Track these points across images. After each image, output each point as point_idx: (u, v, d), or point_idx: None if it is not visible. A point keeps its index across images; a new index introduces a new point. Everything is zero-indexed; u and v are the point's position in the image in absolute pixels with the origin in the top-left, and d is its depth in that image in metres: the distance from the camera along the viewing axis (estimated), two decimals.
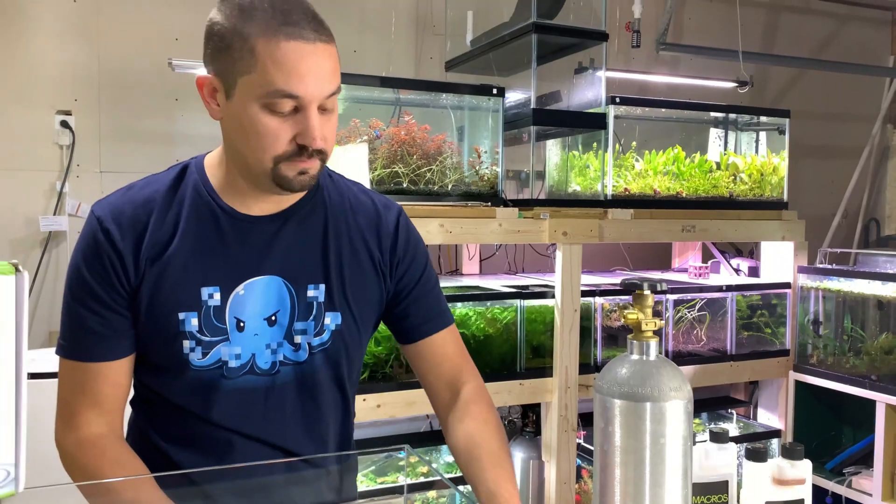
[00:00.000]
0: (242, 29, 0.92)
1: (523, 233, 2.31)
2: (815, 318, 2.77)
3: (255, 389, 1.03)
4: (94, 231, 1.00)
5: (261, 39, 0.91)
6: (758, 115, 2.96)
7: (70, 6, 2.67)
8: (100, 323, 1.00)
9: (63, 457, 1.01)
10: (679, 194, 2.65)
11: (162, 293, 1.00)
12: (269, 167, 0.96)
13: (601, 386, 0.95)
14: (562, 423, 2.37)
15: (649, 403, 0.90)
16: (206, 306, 1.01)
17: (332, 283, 1.07)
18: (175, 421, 1.05)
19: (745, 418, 2.94)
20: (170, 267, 1.00)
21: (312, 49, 0.93)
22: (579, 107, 2.64)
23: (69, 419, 1.00)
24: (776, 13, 3.92)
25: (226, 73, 0.95)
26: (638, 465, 0.90)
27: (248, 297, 1.02)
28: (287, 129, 0.94)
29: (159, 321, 1.00)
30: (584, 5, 2.62)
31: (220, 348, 1.01)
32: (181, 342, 1.00)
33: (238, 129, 0.96)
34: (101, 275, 0.99)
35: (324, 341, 1.06)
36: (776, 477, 1.04)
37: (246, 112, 0.94)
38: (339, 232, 1.09)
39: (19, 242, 2.64)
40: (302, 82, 0.92)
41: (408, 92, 2.35)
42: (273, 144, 0.94)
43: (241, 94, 0.94)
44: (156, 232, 1.00)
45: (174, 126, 2.80)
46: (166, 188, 1.04)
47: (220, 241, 1.02)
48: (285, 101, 0.92)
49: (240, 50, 0.92)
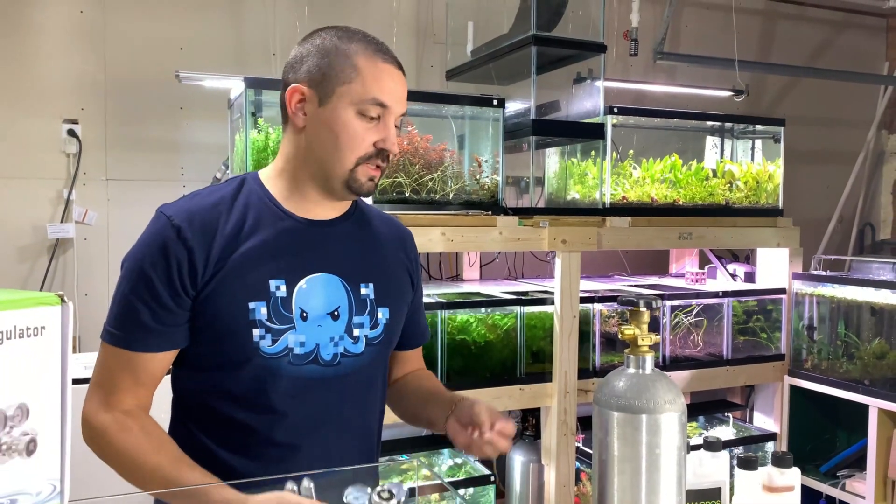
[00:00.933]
0: (346, 48, 1.12)
1: (523, 241, 2.36)
2: (809, 323, 2.82)
3: (318, 379, 1.12)
4: (164, 228, 1.09)
5: (362, 57, 1.12)
6: (753, 124, 3.01)
7: (77, 17, 2.71)
8: (152, 317, 1.07)
9: (92, 429, 1.06)
10: (676, 202, 2.70)
11: (233, 286, 1.09)
12: (349, 168, 1.11)
13: (600, 398, 0.99)
14: (561, 427, 2.41)
15: (645, 415, 0.94)
16: (273, 297, 1.10)
17: (379, 282, 1.20)
18: (228, 417, 1.11)
19: (741, 422, 2.98)
20: (239, 263, 1.09)
21: (399, 75, 1.15)
22: (578, 116, 2.69)
23: (105, 398, 1.06)
24: (772, 21, 3.97)
25: (323, 84, 1.11)
26: (634, 473, 0.95)
27: (311, 290, 1.13)
28: (371, 134, 1.12)
29: (231, 313, 1.08)
30: (582, 16, 2.66)
31: (288, 335, 1.10)
32: (251, 331, 1.08)
33: (328, 132, 1.12)
34: (165, 271, 1.07)
35: (378, 334, 1.19)
36: (766, 484, 1.08)
37: (339, 116, 1.11)
38: (380, 240, 1.25)
39: (27, 249, 2.68)
40: (391, 96, 1.13)
41: (410, 102, 2.39)
42: (360, 145, 1.11)
43: (338, 100, 1.11)
44: (226, 232, 1.10)
45: (179, 134, 2.85)
46: (230, 195, 1.15)
47: (283, 242, 1.13)
48: (376, 108, 1.11)
49: (342, 64, 1.11)
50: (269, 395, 1.10)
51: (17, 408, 0.59)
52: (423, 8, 3.18)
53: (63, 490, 0.61)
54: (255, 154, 2.11)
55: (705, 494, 1.13)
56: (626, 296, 1.01)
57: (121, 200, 2.77)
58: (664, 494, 0.95)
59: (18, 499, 0.59)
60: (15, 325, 0.59)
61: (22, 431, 0.60)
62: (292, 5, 2.95)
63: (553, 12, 2.58)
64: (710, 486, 1.14)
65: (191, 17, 2.84)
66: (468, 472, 2.45)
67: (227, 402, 1.11)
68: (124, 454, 1.03)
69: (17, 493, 0.59)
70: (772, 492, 1.07)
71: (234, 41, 2.91)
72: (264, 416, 1.10)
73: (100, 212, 2.75)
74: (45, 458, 0.60)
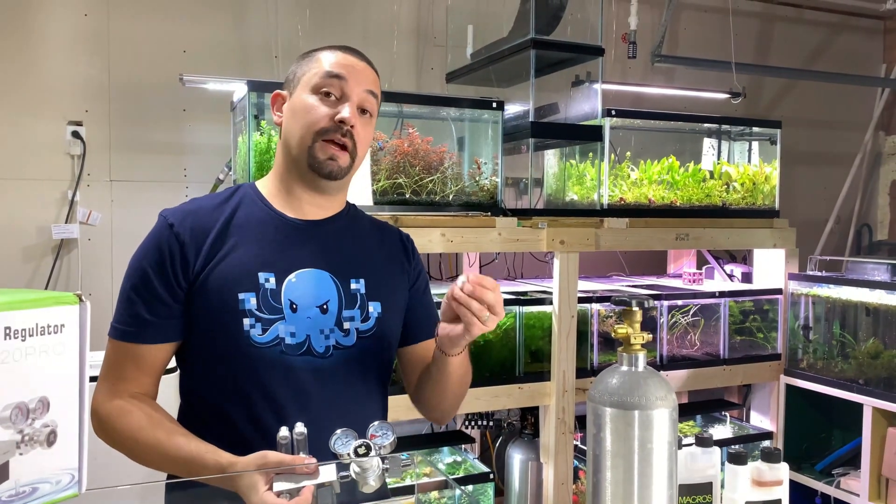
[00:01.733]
0: (317, 53, 1.23)
1: (522, 241, 2.39)
2: (805, 323, 2.85)
3: (312, 370, 1.16)
4: (160, 227, 1.17)
5: (325, 52, 1.22)
6: (750, 126, 3.04)
7: (81, 20, 2.74)
8: (148, 310, 1.13)
9: (100, 419, 1.13)
10: (673, 203, 2.73)
11: (223, 278, 1.14)
12: (309, 144, 1.17)
13: (593, 395, 1.02)
14: (559, 425, 2.44)
15: (637, 411, 0.97)
16: (263, 288, 1.15)
17: (370, 278, 1.23)
18: (227, 410, 1.15)
19: (738, 421, 3.02)
20: (230, 257, 1.15)
21: (358, 61, 1.22)
22: (576, 118, 2.72)
23: (110, 389, 1.14)
24: (769, 23, 4.00)
25: (294, 81, 1.22)
26: (627, 468, 0.98)
27: (300, 284, 1.17)
28: (328, 109, 1.17)
29: (222, 302, 1.13)
30: (580, 20, 2.69)
31: (278, 325, 1.14)
32: (241, 320, 1.12)
33: (291, 116, 1.20)
34: (159, 264, 1.14)
35: (370, 327, 1.22)
36: (755, 479, 1.11)
37: (301, 99, 1.19)
38: (372, 239, 1.30)
39: (32, 250, 2.71)
40: (345, 69, 1.19)
41: (411, 105, 2.43)
42: (315, 118, 1.17)
43: (300, 87, 1.20)
44: (217, 228, 1.17)
45: (182, 136, 2.88)
46: (225, 198, 1.23)
47: (273, 239, 1.19)
48: (331, 82, 1.17)
49: (307, 63, 1.21)
50: (266, 385, 1.13)
51: (39, 401, 0.63)
52: (424, 11, 3.21)
53: (81, 479, 0.64)
54: (257, 156, 2.14)
55: (697, 489, 1.16)
56: (619, 296, 1.04)
57: (124, 202, 2.80)
58: (656, 488, 0.98)
59: (39, 487, 0.63)
60: (36, 323, 0.62)
61: (43, 423, 0.63)
62: (294, 9, 2.98)
63: (552, 16, 2.61)
64: (701, 481, 1.17)
65: (194, 21, 2.87)
66: (467, 470, 2.49)
67: (224, 395, 1.15)
68: (127, 435, 1.09)
69: (38, 482, 0.63)
70: (761, 486, 1.10)
71: (236, 44, 2.94)
72: (263, 408, 1.13)
73: (103, 213, 2.78)
74: (64, 449, 0.64)
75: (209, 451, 1.05)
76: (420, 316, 1.33)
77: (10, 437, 0.60)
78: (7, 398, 0.60)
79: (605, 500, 0.99)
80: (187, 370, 1.20)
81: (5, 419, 0.59)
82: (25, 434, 0.60)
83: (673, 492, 1.00)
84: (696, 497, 1.16)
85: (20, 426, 0.60)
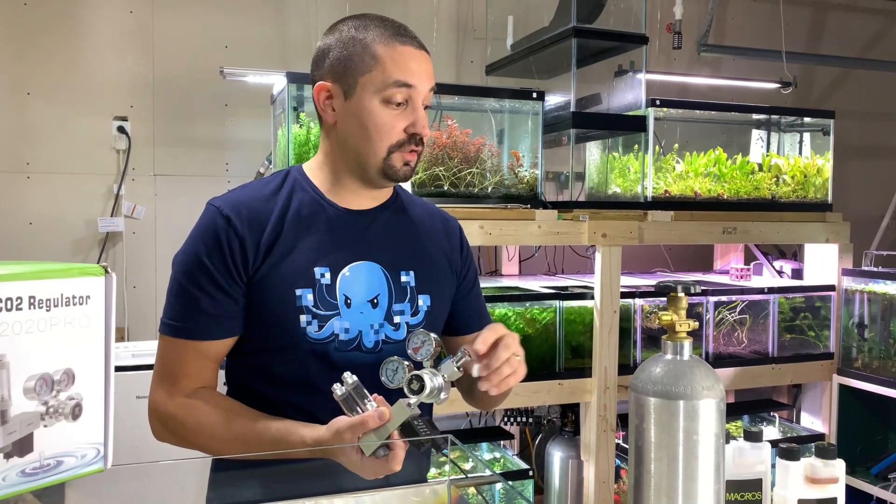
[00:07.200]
0: (363, 38, 1.12)
1: (562, 234, 2.34)
2: (860, 321, 2.74)
3: (362, 366, 1.12)
4: (215, 218, 1.12)
5: (380, 44, 1.11)
6: (801, 117, 2.93)
7: (127, 17, 2.79)
8: (212, 304, 1.10)
9: (164, 420, 1.11)
10: (720, 196, 2.65)
11: (280, 274, 1.11)
12: (383, 157, 1.13)
13: (636, 384, 0.98)
14: (601, 423, 2.39)
15: (682, 401, 0.93)
16: (319, 284, 1.13)
17: (419, 270, 1.21)
18: (276, 401, 1.13)
19: (787, 421, 2.91)
20: (286, 251, 1.12)
21: (420, 53, 1.14)
22: (619, 109, 2.66)
23: (171, 386, 1.11)
24: (822, 12, 3.87)
25: (346, 77, 1.12)
26: (671, 461, 0.93)
27: (354, 278, 1.15)
28: (400, 121, 1.12)
29: (279, 299, 1.11)
30: (623, 8, 2.63)
31: (334, 321, 1.13)
32: (298, 316, 1.11)
33: (357, 124, 1.13)
34: (221, 258, 1.10)
35: (419, 321, 1.20)
36: (809, 476, 1.05)
37: (365, 107, 1.12)
38: (420, 229, 1.26)
39: (79, 243, 2.77)
40: (414, 76, 1.11)
41: (450, 96, 2.40)
42: (390, 133, 1.12)
43: (362, 91, 1.11)
44: (272, 221, 1.13)
45: (225, 131, 2.91)
46: (276, 186, 1.18)
47: (326, 231, 1.16)
48: (400, 91, 1.11)
49: (360, 54, 1.11)
50: (317, 379, 1.11)
51: (64, 373, 0.62)
52: (464, 3, 3.19)
53: (106, 455, 0.63)
54: (296, 148, 2.15)
55: (746, 485, 1.11)
56: (663, 281, 0.99)
57: (168, 195, 2.85)
58: (702, 482, 0.93)
59: (64, 460, 0.62)
60: (62, 294, 0.61)
61: (68, 396, 0.62)
62: (335, 1, 2.98)
63: (594, 4, 2.56)
64: (751, 478, 1.11)
65: (235, 16, 2.90)
66: (506, 467, 2.45)
67: (275, 386, 1.13)
68: (200, 433, 1.08)
69: (63, 455, 0.62)
70: (815, 483, 1.05)
71: (277, 38, 2.96)
72: (311, 399, 1.11)
73: (147, 206, 2.83)
74: (90, 422, 0.62)
75: (290, 433, 1.05)
76: (468, 308, 1.31)
77: (35, 409, 0.59)
78: (32, 368, 0.59)
79: (648, 494, 0.95)
80: (237, 360, 1.19)
81: (30, 389, 0.58)
82: (50, 406, 0.59)
83: (720, 486, 0.95)
84: (745, 494, 1.11)
85: (45, 397, 0.59)
